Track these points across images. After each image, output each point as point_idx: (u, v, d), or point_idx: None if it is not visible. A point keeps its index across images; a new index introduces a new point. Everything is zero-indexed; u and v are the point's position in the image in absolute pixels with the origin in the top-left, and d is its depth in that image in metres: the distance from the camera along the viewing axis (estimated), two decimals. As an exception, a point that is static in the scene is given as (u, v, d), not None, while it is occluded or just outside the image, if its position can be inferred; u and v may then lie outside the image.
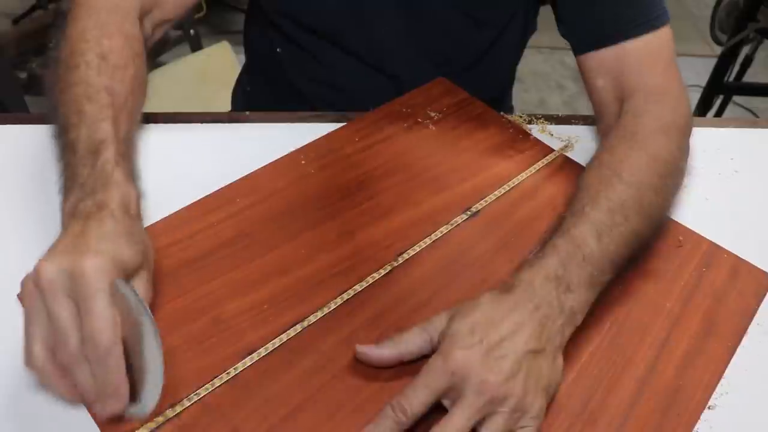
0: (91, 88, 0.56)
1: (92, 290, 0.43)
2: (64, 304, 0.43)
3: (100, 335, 0.42)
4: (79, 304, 0.43)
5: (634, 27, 0.70)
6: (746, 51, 2.00)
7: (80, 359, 0.43)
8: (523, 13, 0.86)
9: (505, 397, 0.46)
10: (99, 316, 0.42)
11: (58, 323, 0.43)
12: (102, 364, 0.43)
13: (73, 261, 0.44)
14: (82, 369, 0.43)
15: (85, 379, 0.43)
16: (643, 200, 0.59)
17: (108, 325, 0.43)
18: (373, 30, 0.82)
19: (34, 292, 0.43)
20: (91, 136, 0.53)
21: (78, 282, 0.43)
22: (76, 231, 0.47)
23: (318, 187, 0.67)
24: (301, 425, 0.48)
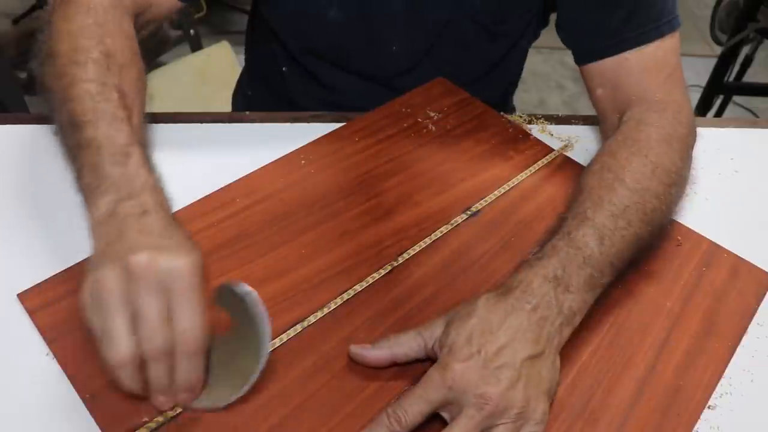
0: (104, 85, 0.55)
1: (189, 288, 0.43)
2: (158, 298, 0.43)
3: (193, 335, 0.43)
4: (174, 300, 0.43)
5: (638, 36, 0.69)
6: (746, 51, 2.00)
7: (167, 353, 0.43)
8: (534, 24, 0.86)
9: (506, 408, 0.46)
10: (194, 314, 0.43)
11: (149, 317, 0.42)
12: (187, 362, 0.43)
13: (168, 257, 0.43)
14: (164, 363, 0.43)
15: (163, 374, 0.44)
16: (647, 206, 0.59)
17: (201, 324, 0.43)
18: (383, 49, 0.81)
19: (121, 284, 0.43)
20: (114, 136, 0.52)
21: (174, 278, 0.43)
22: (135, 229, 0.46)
23: (318, 187, 0.67)
24: (301, 425, 0.48)
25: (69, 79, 0.56)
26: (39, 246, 0.59)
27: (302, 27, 0.82)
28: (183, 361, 0.44)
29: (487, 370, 0.47)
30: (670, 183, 0.62)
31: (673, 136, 0.65)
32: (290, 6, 0.79)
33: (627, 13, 0.69)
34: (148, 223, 0.47)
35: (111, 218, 0.47)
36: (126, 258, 0.43)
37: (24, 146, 0.69)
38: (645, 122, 0.66)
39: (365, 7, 0.77)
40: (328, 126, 0.75)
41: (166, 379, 0.44)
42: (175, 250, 0.45)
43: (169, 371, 0.44)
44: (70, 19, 0.60)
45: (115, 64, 0.58)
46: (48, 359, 0.51)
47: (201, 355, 0.44)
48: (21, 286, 0.55)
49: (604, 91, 0.72)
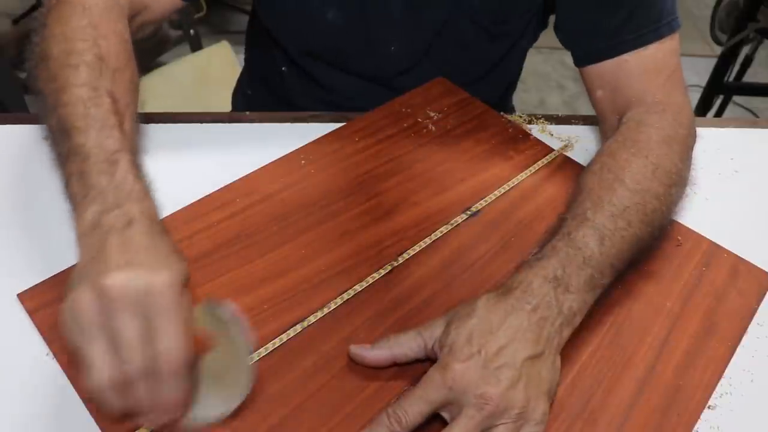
0: (95, 90, 0.54)
1: (167, 306, 0.42)
2: (135, 319, 0.41)
3: (172, 355, 0.41)
4: (153, 320, 0.41)
5: (637, 38, 0.69)
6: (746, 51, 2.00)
7: (148, 375, 0.41)
8: (534, 24, 0.86)
9: (506, 409, 0.46)
10: (174, 334, 0.41)
11: (128, 339, 0.41)
12: (170, 383, 0.42)
13: (143, 276, 0.42)
14: (143, 385, 0.42)
15: (147, 395, 0.42)
16: (647, 207, 0.59)
17: (181, 345, 0.42)
18: (382, 49, 0.81)
19: (97, 307, 0.41)
20: (103, 143, 0.50)
21: (152, 298, 0.41)
22: (117, 244, 0.44)
23: (318, 187, 0.67)
24: (301, 425, 0.48)
25: (61, 82, 0.54)
26: (39, 246, 0.59)
27: (301, 28, 0.82)
28: (166, 381, 0.42)
29: (488, 370, 0.47)
30: (671, 184, 0.62)
31: (673, 138, 0.65)
32: (288, 8, 0.79)
33: (626, 15, 0.68)
34: (130, 236, 0.45)
35: (94, 230, 0.46)
36: (103, 279, 0.41)
37: (24, 146, 0.69)
38: (645, 123, 0.66)
39: (364, 8, 0.77)
40: (328, 126, 0.75)
41: (149, 400, 0.42)
42: (153, 267, 0.43)
43: (153, 391, 0.42)
44: (64, 20, 0.59)
45: (108, 67, 0.57)
46: (48, 359, 0.51)
47: (184, 373, 0.42)
48: (21, 286, 0.55)
49: (603, 92, 0.72)
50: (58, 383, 0.50)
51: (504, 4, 0.77)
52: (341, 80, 0.86)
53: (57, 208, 0.62)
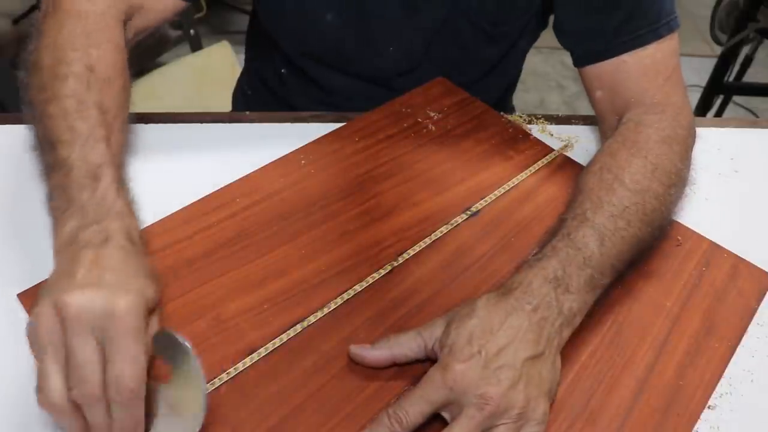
0: (82, 103, 0.53)
1: (125, 331, 0.41)
2: (90, 341, 0.40)
3: (128, 379, 0.40)
4: (109, 343, 0.41)
5: (636, 39, 0.68)
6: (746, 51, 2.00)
7: (99, 398, 0.40)
8: (533, 26, 0.86)
9: (507, 409, 0.46)
10: (129, 359, 0.41)
11: (80, 361, 0.40)
12: (124, 408, 0.41)
13: (104, 297, 0.41)
14: (98, 408, 0.41)
15: (101, 418, 0.41)
16: (647, 207, 0.59)
17: (138, 369, 0.41)
18: (381, 51, 0.81)
19: (55, 325, 0.41)
20: (87, 157, 0.50)
21: (110, 321, 0.41)
22: (88, 261, 0.44)
23: (318, 187, 0.67)
24: (301, 425, 0.48)
25: (49, 94, 0.54)
26: (39, 246, 0.59)
27: (299, 30, 0.82)
28: (119, 408, 0.41)
29: (488, 370, 0.47)
30: (670, 184, 0.62)
31: (672, 138, 0.65)
32: (287, 9, 0.79)
33: (624, 16, 0.68)
34: (103, 254, 0.45)
35: (70, 245, 0.45)
36: (62, 296, 0.41)
37: (24, 146, 0.69)
38: (644, 124, 0.66)
39: (362, 9, 0.77)
40: (328, 126, 0.75)
41: (103, 424, 0.41)
42: (117, 289, 0.42)
43: (105, 415, 0.41)
44: (58, 28, 0.58)
45: (97, 78, 0.56)
46: (48, 359, 0.51)
47: (137, 401, 0.41)
48: (21, 286, 0.55)
49: (602, 93, 0.72)
50: (58, 383, 0.49)
51: (501, 5, 0.77)
52: (340, 81, 0.86)
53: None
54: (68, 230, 0.46)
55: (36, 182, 0.65)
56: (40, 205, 0.63)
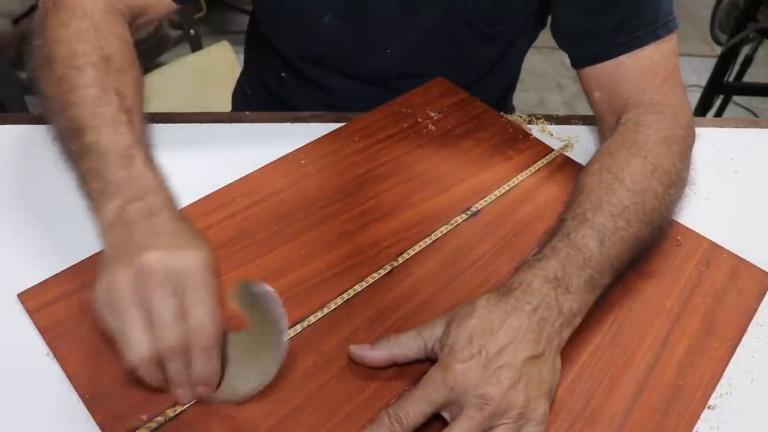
0: (103, 90, 0.55)
1: (199, 284, 0.44)
2: (169, 296, 0.43)
3: (206, 330, 0.44)
4: (185, 296, 0.44)
5: (634, 40, 0.68)
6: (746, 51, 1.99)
7: (182, 349, 0.44)
8: (531, 26, 0.85)
9: (507, 409, 0.46)
10: (206, 312, 0.44)
11: (163, 315, 0.43)
12: (202, 357, 0.44)
13: (175, 256, 0.44)
14: (179, 359, 0.44)
15: (180, 369, 0.45)
16: (646, 207, 0.59)
17: (214, 320, 0.44)
18: (380, 52, 0.81)
19: (133, 285, 0.43)
20: (116, 139, 0.52)
21: (185, 276, 0.44)
22: (144, 230, 0.46)
23: (318, 187, 0.67)
24: (301, 425, 0.48)
25: (68, 84, 0.55)
26: (39, 246, 0.59)
27: (298, 34, 0.82)
28: (198, 356, 0.44)
29: (488, 370, 0.47)
30: (670, 184, 0.62)
31: (671, 138, 0.65)
32: (286, 13, 0.79)
33: (622, 17, 0.68)
34: (156, 224, 0.47)
35: (119, 222, 0.47)
36: (136, 259, 0.44)
37: (24, 146, 0.69)
38: (643, 124, 0.66)
39: (360, 11, 0.77)
40: (328, 126, 0.75)
41: (183, 374, 0.45)
42: (184, 248, 0.45)
43: (185, 366, 0.45)
44: (65, 24, 0.59)
45: (113, 68, 0.57)
46: (48, 359, 0.51)
47: (215, 349, 0.45)
48: (21, 286, 0.55)
49: (601, 94, 0.72)
50: (58, 383, 0.50)
51: (497, 6, 0.77)
52: (340, 83, 0.86)
53: (57, 207, 0.62)
54: (112, 209, 0.48)
55: (36, 183, 0.65)
56: (40, 205, 0.63)
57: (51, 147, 0.68)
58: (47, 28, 0.60)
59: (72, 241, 0.59)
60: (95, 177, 0.50)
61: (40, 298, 0.54)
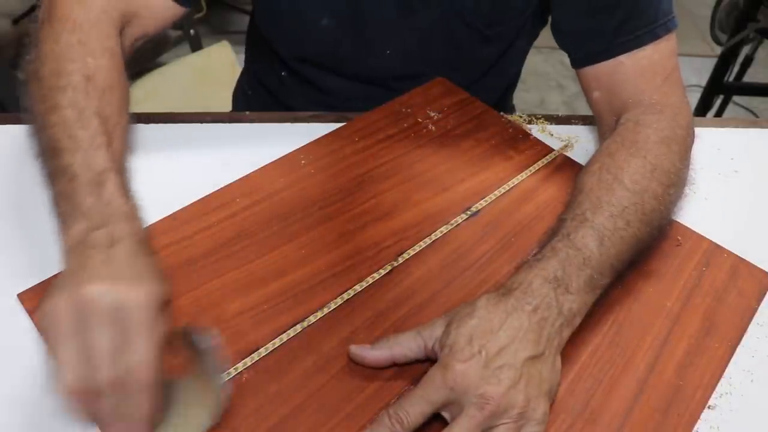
0: (82, 112, 0.54)
1: (140, 323, 0.42)
2: (106, 331, 0.41)
3: (141, 371, 0.42)
4: (123, 334, 0.42)
5: (634, 40, 0.68)
6: (746, 51, 1.99)
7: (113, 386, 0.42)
8: (531, 26, 0.85)
9: (507, 409, 0.46)
10: (143, 350, 0.42)
11: (97, 350, 0.41)
12: (136, 396, 0.42)
13: (120, 290, 0.42)
14: (111, 397, 0.42)
15: (110, 407, 0.42)
16: (645, 207, 0.59)
17: (151, 361, 0.42)
18: (378, 53, 0.81)
19: (72, 315, 0.41)
20: (90, 164, 0.51)
21: (125, 312, 0.42)
22: (100, 259, 0.45)
23: (318, 187, 0.67)
24: (301, 425, 0.48)
25: (50, 103, 0.55)
26: (39, 246, 0.59)
27: (296, 36, 0.82)
28: (133, 395, 0.42)
29: (488, 370, 0.47)
30: (669, 184, 0.62)
31: (671, 138, 0.65)
32: (284, 15, 0.79)
33: (621, 17, 0.68)
34: (114, 254, 0.45)
35: (79, 247, 0.46)
36: (80, 289, 0.42)
37: (24, 146, 0.69)
38: (643, 124, 0.66)
39: (357, 13, 0.77)
40: (328, 126, 0.75)
41: (112, 413, 0.42)
42: (134, 282, 0.43)
43: (116, 404, 0.42)
44: (55, 38, 0.59)
45: (96, 88, 0.57)
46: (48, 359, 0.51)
47: (151, 389, 0.42)
48: (21, 286, 0.55)
49: (600, 94, 0.72)
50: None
51: (496, 6, 0.77)
52: (339, 84, 0.86)
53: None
54: (76, 233, 0.47)
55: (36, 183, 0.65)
56: (40, 205, 0.63)
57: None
58: (40, 41, 0.60)
59: (72, 241, 0.59)
60: (65, 200, 0.50)
61: (40, 298, 0.54)
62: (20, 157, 0.67)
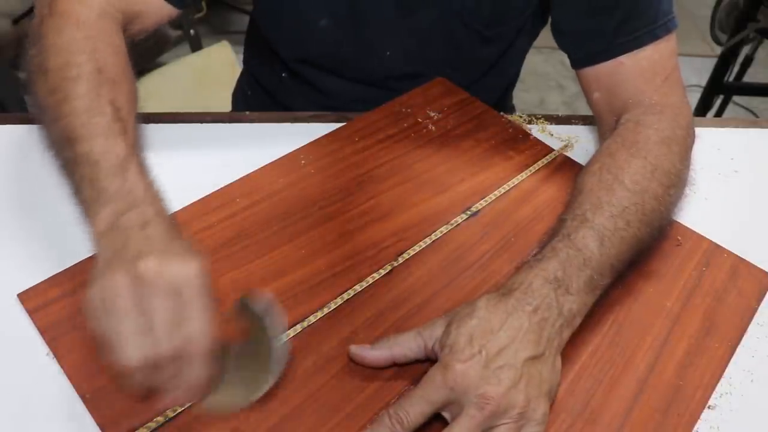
0: (96, 101, 0.55)
1: (197, 292, 0.44)
2: (166, 303, 0.43)
3: (201, 339, 0.43)
4: (182, 304, 0.43)
5: (633, 40, 0.68)
6: (746, 51, 1.99)
7: (175, 357, 0.43)
8: (531, 26, 0.85)
9: (507, 409, 0.46)
10: (201, 320, 0.44)
11: (158, 321, 0.43)
12: (195, 365, 0.44)
13: (174, 263, 0.44)
14: (172, 366, 0.44)
15: (172, 376, 0.44)
16: (646, 207, 0.59)
17: (209, 329, 0.44)
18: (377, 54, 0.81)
19: (130, 290, 0.43)
20: (110, 149, 0.52)
21: (183, 284, 0.44)
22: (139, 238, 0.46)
23: (318, 187, 0.67)
24: (301, 425, 0.48)
25: (62, 95, 0.55)
26: (39, 246, 0.59)
27: (296, 37, 0.82)
28: (191, 364, 0.44)
29: (489, 370, 0.47)
30: (670, 185, 0.62)
31: (672, 139, 0.65)
32: (284, 16, 0.79)
33: (621, 18, 0.68)
34: (150, 233, 0.47)
35: (113, 229, 0.47)
36: (134, 265, 0.43)
37: (24, 146, 0.69)
38: (643, 124, 0.66)
39: (357, 14, 0.77)
40: (328, 126, 0.75)
41: (175, 382, 0.45)
42: (180, 256, 0.45)
43: (178, 374, 0.44)
44: (59, 33, 0.59)
45: (106, 78, 0.57)
46: (48, 359, 0.51)
47: (209, 358, 0.44)
48: (21, 286, 0.55)
49: (600, 94, 0.72)
50: (58, 383, 0.50)
51: (497, 6, 0.77)
52: (339, 85, 0.86)
53: (57, 208, 0.62)
54: (105, 217, 0.48)
55: (36, 182, 0.65)
56: (40, 205, 0.63)
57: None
58: (42, 35, 0.60)
59: (72, 241, 0.59)
60: (88, 186, 0.50)
61: (40, 298, 0.54)
62: (20, 157, 0.67)
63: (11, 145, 0.69)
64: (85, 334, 0.52)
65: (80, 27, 0.59)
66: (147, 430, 0.47)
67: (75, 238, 0.59)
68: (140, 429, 0.47)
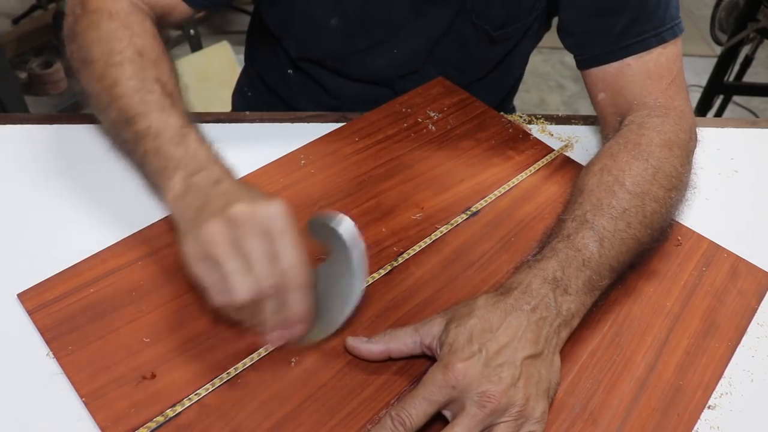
0: (143, 81, 0.59)
1: (286, 228, 0.48)
2: (262, 241, 0.47)
3: (299, 270, 0.48)
4: (275, 241, 0.47)
5: (641, 42, 0.68)
6: (746, 51, 1.99)
7: (278, 289, 0.47)
8: (536, 28, 0.85)
9: (507, 407, 0.46)
10: (296, 253, 0.48)
11: (258, 259, 0.47)
12: (297, 295, 0.48)
13: (260, 205, 0.48)
14: (276, 300, 0.48)
15: (277, 309, 0.48)
16: (646, 209, 0.59)
17: (303, 260, 0.48)
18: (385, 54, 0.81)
19: (227, 234, 0.47)
20: (167, 121, 0.56)
21: (272, 222, 0.48)
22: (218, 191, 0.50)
23: (318, 187, 0.67)
24: (301, 425, 0.48)
25: (110, 80, 0.59)
26: (39, 246, 0.59)
27: (305, 36, 0.82)
28: (294, 295, 0.48)
29: (489, 368, 0.47)
30: (671, 187, 0.62)
31: (674, 142, 0.65)
32: (293, 16, 0.79)
33: (629, 20, 0.68)
34: (226, 188, 0.51)
35: (189, 190, 0.52)
36: (224, 211, 0.47)
37: (24, 146, 0.69)
38: (646, 126, 0.66)
39: (368, 14, 0.77)
40: (328, 126, 0.75)
41: (280, 315, 0.48)
42: (263, 198, 0.49)
43: (281, 307, 0.48)
44: (97, 26, 0.62)
45: (149, 59, 0.61)
46: (48, 359, 0.51)
47: (306, 288, 0.48)
48: (21, 286, 0.55)
49: (605, 95, 0.72)
50: (58, 383, 0.50)
51: (506, 8, 0.77)
52: (345, 84, 0.86)
53: (57, 208, 0.62)
54: (178, 181, 0.53)
55: (36, 182, 0.65)
56: (40, 205, 0.63)
57: (51, 147, 0.68)
58: (79, 32, 0.63)
59: (72, 241, 0.59)
60: (154, 156, 0.55)
61: (40, 298, 0.54)
62: (21, 157, 0.67)
63: (11, 145, 0.69)
64: (85, 334, 0.52)
65: (114, 18, 0.63)
66: (147, 430, 0.47)
67: (75, 238, 0.59)
68: (140, 429, 0.47)
